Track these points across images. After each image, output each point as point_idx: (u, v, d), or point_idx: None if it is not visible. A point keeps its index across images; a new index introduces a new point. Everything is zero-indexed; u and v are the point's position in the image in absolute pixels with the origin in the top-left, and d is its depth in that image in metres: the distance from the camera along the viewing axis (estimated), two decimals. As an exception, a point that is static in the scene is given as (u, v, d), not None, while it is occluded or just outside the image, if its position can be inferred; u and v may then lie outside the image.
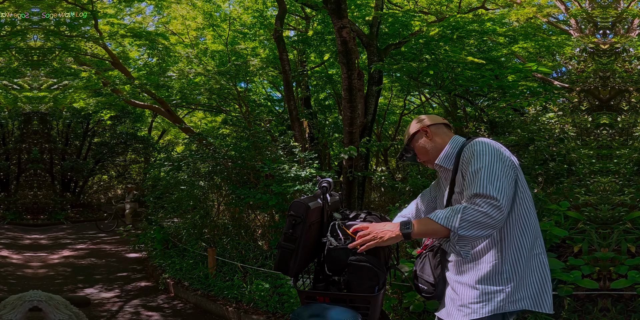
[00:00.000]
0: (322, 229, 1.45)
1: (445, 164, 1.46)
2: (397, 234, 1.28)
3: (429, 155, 1.51)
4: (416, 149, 1.54)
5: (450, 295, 1.38)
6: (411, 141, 1.55)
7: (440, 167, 1.49)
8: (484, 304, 1.27)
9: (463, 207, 1.22)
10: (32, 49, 6.55)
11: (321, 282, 1.42)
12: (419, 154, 1.54)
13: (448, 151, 1.46)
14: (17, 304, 1.06)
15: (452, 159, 1.43)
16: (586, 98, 4.10)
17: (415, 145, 1.54)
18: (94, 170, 12.57)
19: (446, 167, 1.45)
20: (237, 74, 6.95)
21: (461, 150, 1.40)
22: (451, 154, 1.45)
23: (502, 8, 7.65)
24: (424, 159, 1.54)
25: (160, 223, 5.90)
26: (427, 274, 1.43)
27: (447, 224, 1.22)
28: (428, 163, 1.54)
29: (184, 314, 3.70)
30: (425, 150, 1.51)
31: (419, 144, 1.53)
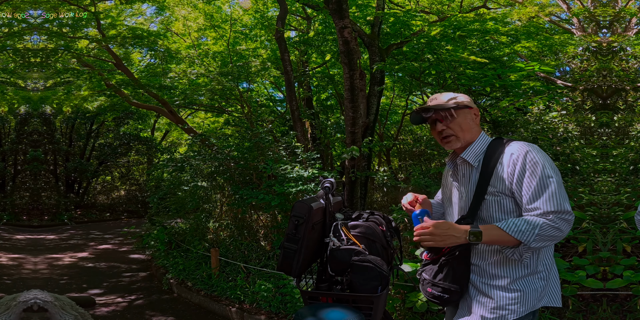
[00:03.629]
0: (325, 230, 1.46)
1: (471, 160, 1.36)
2: (462, 243, 1.24)
3: (463, 135, 1.37)
4: (454, 121, 1.37)
5: (479, 299, 1.33)
6: (456, 109, 1.37)
7: (464, 162, 1.39)
8: (521, 305, 1.28)
9: (541, 224, 1.20)
10: (29, 51, 6.58)
11: (324, 283, 1.42)
12: (454, 126, 1.37)
13: (476, 147, 1.38)
14: (11, 305, 1.06)
15: (479, 157, 1.35)
16: (589, 97, 4.08)
17: (458, 117, 1.37)
18: (97, 171, 12.63)
19: (471, 163, 1.36)
20: (238, 75, 6.97)
21: (492, 151, 1.32)
22: (479, 151, 1.37)
23: (504, 7, 7.63)
24: (449, 133, 1.38)
25: (163, 224, 5.92)
26: (451, 281, 1.33)
27: (522, 237, 1.20)
28: (448, 140, 1.39)
29: (187, 314, 3.72)
30: (462, 129, 1.37)
31: (462, 118, 1.37)
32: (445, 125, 1.38)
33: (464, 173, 1.41)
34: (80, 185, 12.61)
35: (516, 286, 1.29)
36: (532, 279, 1.30)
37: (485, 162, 1.33)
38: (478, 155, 1.37)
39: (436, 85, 6.15)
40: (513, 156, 1.28)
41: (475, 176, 1.35)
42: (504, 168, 1.29)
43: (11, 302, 1.08)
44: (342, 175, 4.97)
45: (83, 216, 11.05)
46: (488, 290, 1.31)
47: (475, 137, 1.39)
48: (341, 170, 5.10)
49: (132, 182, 13.99)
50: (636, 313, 2.42)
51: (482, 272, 1.34)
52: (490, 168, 1.31)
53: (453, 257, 1.32)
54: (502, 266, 1.31)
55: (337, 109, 8.95)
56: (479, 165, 1.35)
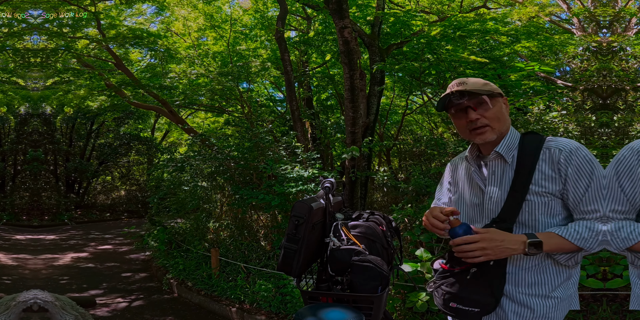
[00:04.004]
0: (325, 230, 1.46)
1: (506, 155, 1.21)
2: (519, 253, 1.12)
3: (498, 126, 1.21)
4: (490, 111, 1.21)
5: (516, 311, 1.21)
6: (491, 98, 1.21)
7: (497, 157, 1.23)
8: (559, 311, 1.21)
9: (604, 231, 1.11)
10: (29, 51, 6.59)
11: (324, 283, 1.42)
12: (490, 115, 1.20)
13: (510, 141, 1.23)
14: (11, 305, 1.06)
15: (512, 152, 1.21)
16: (589, 97, 4.09)
17: (493, 106, 1.21)
18: (97, 171, 12.64)
19: (506, 159, 1.21)
20: (239, 75, 6.97)
21: (528, 145, 1.19)
22: (513, 146, 1.22)
23: (504, 7, 7.64)
24: (484, 124, 1.21)
25: (163, 224, 5.92)
26: (485, 293, 1.18)
27: (585, 244, 1.11)
28: (482, 131, 1.21)
29: (187, 314, 3.72)
30: (498, 119, 1.21)
31: (498, 107, 1.23)
32: (480, 113, 1.21)
33: (495, 170, 1.24)
34: (80, 185, 12.61)
35: (556, 293, 1.18)
36: (567, 284, 1.21)
37: (520, 158, 1.19)
38: (512, 150, 1.22)
39: (436, 85, 6.15)
40: (563, 153, 1.14)
41: (509, 174, 1.20)
42: (549, 165, 1.15)
43: (11, 302, 1.08)
44: (342, 175, 4.97)
45: (83, 216, 11.05)
46: (526, 300, 1.18)
47: (508, 130, 1.25)
48: (341, 170, 5.10)
49: (132, 182, 14.00)
50: (636, 313, 2.42)
51: (518, 280, 1.19)
52: (530, 165, 1.16)
53: (488, 267, 1.16)
54: (541, 273, 1.18)
55: (337, 109, 8.95)
56: (512, 162, 1.21)
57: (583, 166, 1.13)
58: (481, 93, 1.20)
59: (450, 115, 1.29)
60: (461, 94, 1.21)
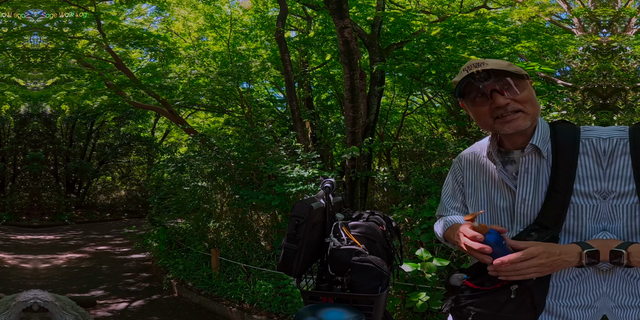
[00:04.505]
0: (325, 230, 1.46)
1: (542, 147, 1.01)
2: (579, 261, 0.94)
3: (533, 111, 1.01)
4: (522, 94, 1.00)
5: None
6: (520, 79, 1.01)
7: (533, 151, 1.03)
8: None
9: None
10: (29, 51, 6.59)
11: (324, 283, 1.42)
12: (523, 100, 1.00)
13: (543, 131, 1.03)
14: (11, 305, 1.06)
15: (547, 144, 1.02)
16: (590, 97, 4.09)
17: (524, 88, 1.01)
18: (98, 172, 12.64)
19: (542, 152, 1.01)
20: (239, 75, 6.97)
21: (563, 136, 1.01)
22: (546, 136, 1.02)
23: (504, 7, 7.64)
24: (517, 108, 0.99)
25: (164, 224, 5.93)
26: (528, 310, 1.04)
27: None
28: (514, 118, 0.99)
29: (187, 314, 3.72)
30: (532, 102, 1.01)
31: (529, 90, 1.02)
32: (511, 97, 1.00)
33: (529, 167, 1.03)
34: (80, 185, 12.62)
35: (598, 303, 1.04)
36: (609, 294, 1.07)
37: (557, 152, 0.99)
38: (546, 143, 1.02)
39: (436, 85, 6.15)
40: (612, 143, 0.95)
41: (545, 171, 1.01)
42: (594, 159, 0.96)
43: (11, 302, 1.08)
44: (343, 175, 4.97)
45: (83, 216, 11.06)
46: (566, 312, 1.04)
47: (538, 117, 1.04)
48: (341, 170, 5.10)
49: (132, 182, 14.01)
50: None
51: (560, 293, 1.04)
52: (569, 159, 0.97)
53: (530, 282, 0.98)
54: (583, 282, 1.03)
55: (337, 109, 8.95)
56: (548, 156, 1.01)
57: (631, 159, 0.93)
58: (508, 73, 0.99)
59: (465, 102, 1.08)
60: (486, 74, 0.99)
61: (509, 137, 1.07)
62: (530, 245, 0.93)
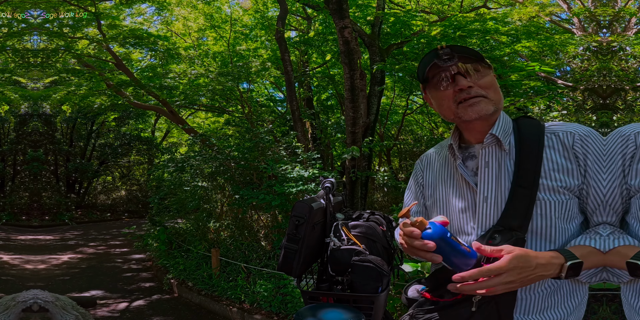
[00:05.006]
0: (326, 230, 1.46)
1: (504, 139, 0.93)
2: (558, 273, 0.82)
3: (496, 98, 0.94)
4: (485, 79, 0.94)
5: None
6: (485, 67, 0.95)
7: (493, 142, 0.94)
8: None
9: None
10: (29, 51, 6.60)
11: (324, 283, 1.42)
12: (485, 84, 0.93)
13: (504, 123, 0.95)
14: (11, 305, 1.06)
15: (509, 137, 0.94)
16: (590, 97, 4.09)
17: (488, 75, 0.95)
18: (98, 172, 12.65)
19: (504, 145, 0.93)
20: (239, 75, 6.97)
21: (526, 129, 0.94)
22: (508, 129, 0.95)
23: (504, 7, 7.63)
24: (479, 93, 0.92)
25: (164, 224, 5.93)
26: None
27: None
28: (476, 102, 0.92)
29: (187, 314, 3.72)
30: (495, 89, 0.95)
31: (492, 78, 0.95)
32: (474, 82, 0.92)
33: (490, 160, 0.94)
34: (81, 185, 12.63)
35: (572, 317, 0.94)
36: (583, 303, 0.97)
37: (520, 146, 0.91)
38: (507, 135, 0.94)
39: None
40: (576, 137, 0.88)
41: (508, 165, 0.92)
42: (561, 153, 0.89)
43: (10, 302, 1.08)
44: (343, 175, 4.97)
45: (84, 216, 11.06)
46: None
47: (500, 110, 0.97)
48: (342, 170, 5.10)
49: (132, 182, 14.02)
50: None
51: (529, 307, 0.92)
52: (535, 152, 0.89)
53: (494, 295, 0.85)
54: (555, 295, 0.92)
55: (337, 109, 8.95)
56: (510, 150, 0.93)
57: (604, 153, 0.87)
58: (473, 58, 0.93)
59: (429, 90, 0.99)
60: (450, 54, 0.93)
61: (470, 129, 0.98)
62: (503, 252, 0.79)
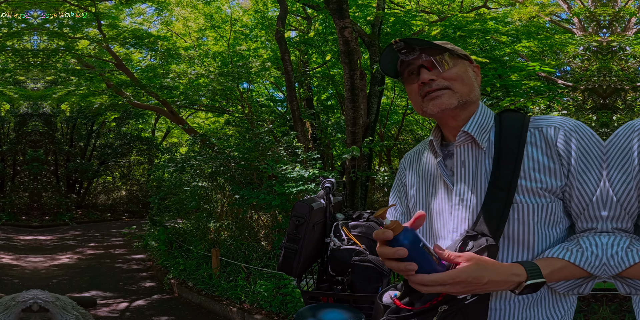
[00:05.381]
0: (326, 230, 1.46)
1: (478, 137, 0.85)
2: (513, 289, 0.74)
3: (462, 90, 0.86)
4: (450, 71, 0.86)
5: None
6: (452, 55, 0.88)
7: (467, 140, 0.86)
8: None
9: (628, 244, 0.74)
10: (29, 51, 6.60)
11: (325, 283, 1.42)
12: (450, 77, 0.86)
13: (482, 119, 0.87)
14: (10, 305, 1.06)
15: (487, 134, 0.86)
16: (590, 97, 4.09)
17: (458, 63, 0.88)
18: (98, 172, 12.65)
19: (479, 143, 0.85)
20: (239, 75, 6.98)
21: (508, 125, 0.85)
22: (486, 125, 0.87)
23: (504, 7, 7.63)
24: (442, 85, 0.85)
25: (164, 224, 5.93)
26: None
27: (606, 271, 0.74)
28: (437, 95, 0.85)
29: (188, 314, 3.72)
30: (462, 81, 0.86)
31: (461, 68, 0.87)
32: (436, 74, 0.86)
33: (465, 159, 0.87)
34: (81, 185, 12.63)
35: None
36: (569, 313, 0.88)
37: (500, 142, 0.83)
38: (485, 132, 0.86)
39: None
40: (561, 132, 0.79)
41: (485, 164, 0.84)
42: (543, 150, 0.80)
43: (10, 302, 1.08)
44: (343, 175, 4.97)
45: (84, 216, 11.06)
46: None
47: (476, 103, 0.89)
48: (342, 170, 5.10)
49: (133, 182, 14.02)
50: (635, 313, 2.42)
51: (502, 318, 0.83)
52: (515, 150, 0.81)
53: (463, 304, 0.77)
54: (535, 306, 0.83)
55: (337, 109, 8.95)
56: (489, 147, 0.85)
57: (592, 150, 0.78)
58: (438, 47, 0.86)
59: (404, 85, 0.94)
60: (409, 47, 0.86)
61: (444, 125, 0.92)
62: (461, 258, 0.72)
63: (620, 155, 0.75)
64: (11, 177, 10.54)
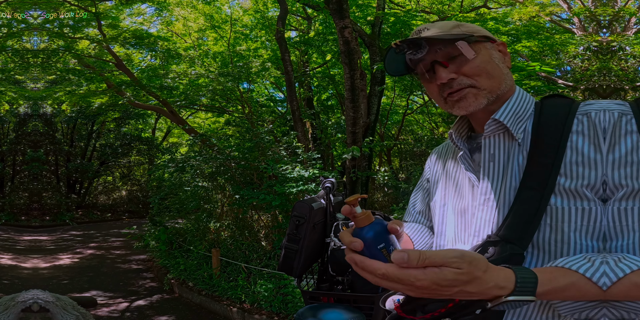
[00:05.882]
0: (326, 230, 1.46)
1: (512, 127, 0.71)
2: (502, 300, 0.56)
3: (489, 85, 0.72)
4: (471, 63, 0.71)
5: None
6: (470, 42, 0.72)
7: (498, 130, 0.72)
8: None
9: None
10: (29, 51, 6.61)
11: (325, 283, 1.42)
12: (471, 72, 0.71)
13: (517, 104, 0.73)
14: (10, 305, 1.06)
15: (523, 124, 0.71)
16: (591, 96, 4.09)
17: (479, 51, 0.72)
18: (98, 172, 12.66)
19: (513, 134, 0.71)
20: (239, 75, 6.98)
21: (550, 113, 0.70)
22: (523, 112, 0.72)
23: (504, 7, 7.63)
24: (464, 84, 0.72)
25: (165, 224, 5.94)
26: None
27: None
28: (461, 96, 0.72)
29: (188, 314, 3.72)
30: (487, 72, 0.72)
31: (484, 56, 0.73)
32: (454, 70, 0.72)
33: (496, 152, 0.73)
34: (81, 185, 12.64)
35: None
36: None
37: (538, 133, 0.68)
38: (522, 120, 0.72)
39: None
40: (615, 115, 0.63)
41: (518, 158, 0.70)
42: (591, 140, 0.64)
43: (10, 303, 1.08)
44: (343, 175, 4.97)
45: (84, 216, 11.07)
46: None
47: (511, 90, 0.75)
48: (342, 170, 5.10)
49: (133, 182, 14.03)
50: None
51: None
52: (556, 142, 0.66)
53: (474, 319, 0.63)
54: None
55: (337, 109, 8.96)
56: (525, 139, 0.70)
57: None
58: (450, 38, 0.71)
59: (418, 79, 0.80)
60: (416, 44, 0.73)
61: (472, 116, 0.78)
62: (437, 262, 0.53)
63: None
64: (11, 177, 10.55)
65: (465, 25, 0.76)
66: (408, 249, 0.54)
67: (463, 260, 0.53)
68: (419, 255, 0.53)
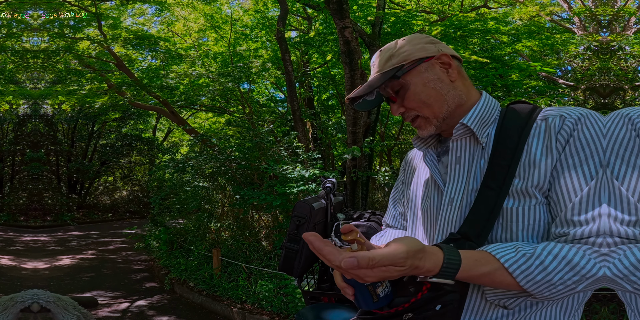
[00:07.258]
0: (326, 230, 1.46)
1: (478, 131, 0.75)
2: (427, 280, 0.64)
3: (430, 111, 0.78)
4: (409, 95, 0.77)
5: None
6: (405, 72, 0.77)
7: (465, 135, 0.76)
8: None
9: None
10: (29, 52, 6.61)
11: (326, 283, 1.42)
12: (411, 102, 0.78)
13: (483, 111, 0.76)
14: (9, 305, 1.06)
15: (488, 128, 0.76)
16: (591, 96, 4.08)
17: (411, 81, 0.77)
18: (99, 172, 12.68)
19: (478, 138, 0.75)
20: (239, 76, 6.98)
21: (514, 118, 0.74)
22: (488, 117, 0.76)
23: (505, 7, 7.63)
24: (412, 115, 0.80)
25: (165, 224, 5.94)
26: None
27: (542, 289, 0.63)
28: (416, 125, 0.81)
29: (189, 314, 3.72)
30: (422, 101, 0.77)
31: (419, 81, 0.77)
32: (402, 103, 0.79)
33: (462, 155, 0.77)
34: (82, 185, 12.65)
35: None
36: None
37: (500, 137, 0.72)
38: (486, 125, 0.76)
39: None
40: (567, 121, 0.68)
41: (481, 162, 0.74)
42: (545, 142, 0.69)
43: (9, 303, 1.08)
44: (344, 175, 4.97)
45: (85, 217, 11.08)
46: None
47: (472, 100, 0.79)
48: (342, 170, 5.10)
49: (134, 182, 14.04)
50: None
51: None
52: (512, 145, 0.70)
53: (435, 315, 0.67)
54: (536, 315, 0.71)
55: (338, 109, 8.96)
56: (488, 143, 0.74)
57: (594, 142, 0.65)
58: (382, 81, 0.76)
59: None
60: (363, 93, 0.79)
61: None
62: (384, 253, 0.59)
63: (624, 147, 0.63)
64: (10, 177, 10.56)
65: (398, 52, 0.80)
66: (358, 253, 0.58)
67: (407, 256, 0.59)
68: (368, 261, 0.58)
